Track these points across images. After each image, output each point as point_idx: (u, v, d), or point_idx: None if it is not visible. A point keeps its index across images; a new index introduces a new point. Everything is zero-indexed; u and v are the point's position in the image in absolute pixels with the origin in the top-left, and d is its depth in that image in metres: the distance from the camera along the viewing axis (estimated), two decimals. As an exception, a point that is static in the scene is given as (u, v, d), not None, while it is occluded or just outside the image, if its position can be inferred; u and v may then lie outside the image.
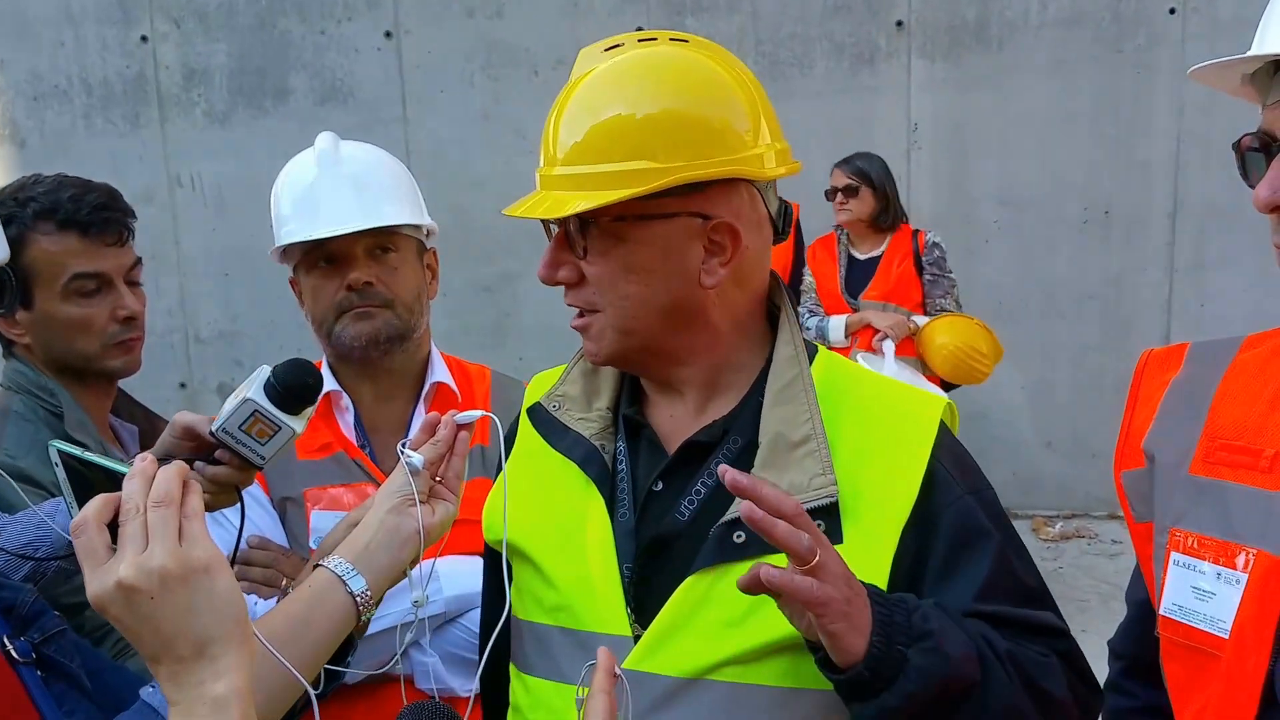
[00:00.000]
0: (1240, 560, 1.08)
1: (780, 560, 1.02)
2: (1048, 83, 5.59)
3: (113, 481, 0.99)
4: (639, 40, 1.15)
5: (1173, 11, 5.47)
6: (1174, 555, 1.16)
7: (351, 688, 1.59)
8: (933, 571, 1.11)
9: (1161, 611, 1.16)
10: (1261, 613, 1.04)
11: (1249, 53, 1.04)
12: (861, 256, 4.64)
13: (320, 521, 1.70)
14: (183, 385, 6.09)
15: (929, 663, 1.01)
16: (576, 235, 1.13)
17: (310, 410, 1.26)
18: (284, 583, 1.59)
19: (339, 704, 1.51)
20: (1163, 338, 5.76)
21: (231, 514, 1.31)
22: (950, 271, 4.53)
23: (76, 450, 1.18)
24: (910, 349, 4.34)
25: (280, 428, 1.21)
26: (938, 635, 1.02)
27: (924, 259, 4.48)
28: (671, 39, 1.16)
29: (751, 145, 1.13)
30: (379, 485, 1.61)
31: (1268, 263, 1.09)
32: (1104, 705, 1.35)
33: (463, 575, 1.61)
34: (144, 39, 5.78)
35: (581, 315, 1.18)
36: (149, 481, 0.93)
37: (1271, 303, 5.53)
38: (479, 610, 1.61)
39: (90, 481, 1.21)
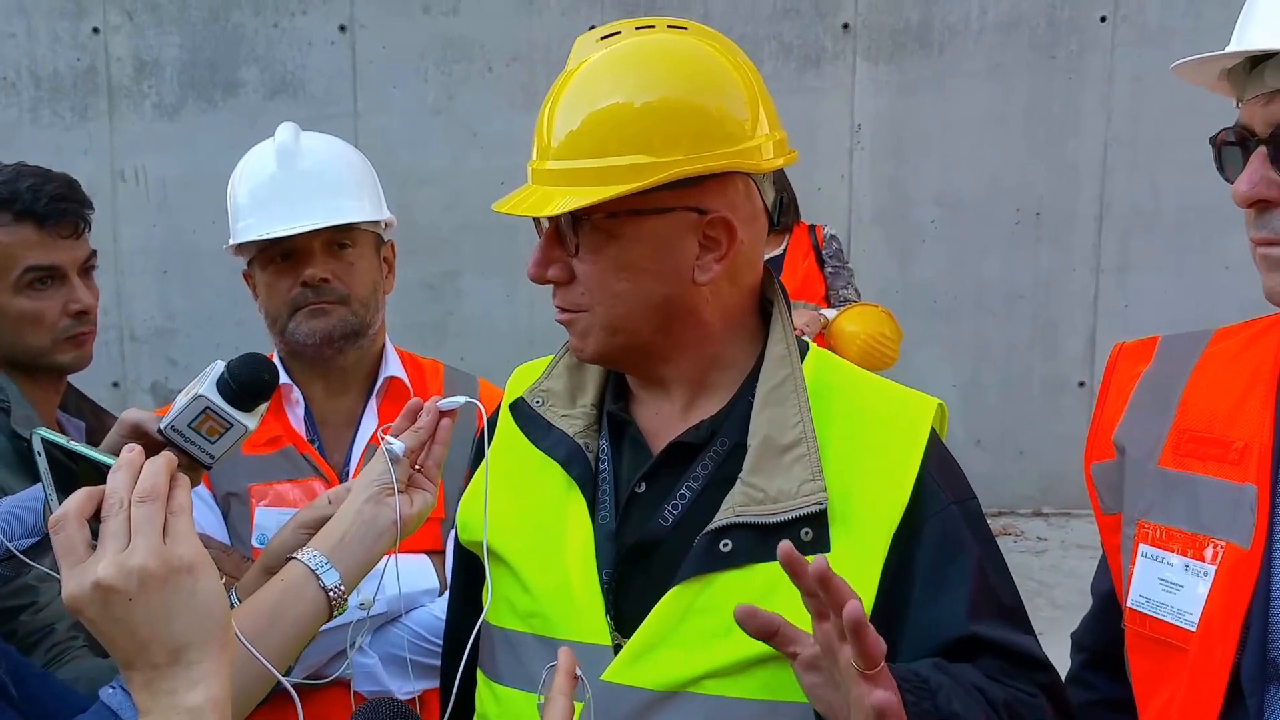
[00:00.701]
0: (1209, 553, 1.07)
1: (768, 569, 1.01)
2: (985, 86, 5.74)
3: (98, 474, 0.95)
4: (636, 28, 1.11)
5: (1103, 19, 5.65)
6: (1142, 547, 1.15)
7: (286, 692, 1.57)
8: (918, 585, 1.07)
9: (1128, 604, 1.15)
10: (1229, 606, 1.03)
11: (1227, 49, 1.03)
12: (766, 255, 4.68)
13: (265, 518, 1.66)
14: (115, 384, 5.97)
15: None
16: (569, 232, 1.08)
17: (264, 407, 1.21)
18: (224, 581, 1.55)
19: (273, 709, 1.49)
20: (1089, 338, 5.97)
21: None
22: (848, 262, 4.60)
23: (62, 439, 1.12)
24: (823, 342, 4.37)
25: (232, 425, 1.16)
26: (964, 717, 0.98)
27: (824, 253, 4.52)
28: (670, 25, 1.12)
29: (750, 135, 1.09)
30: (326, 480, 1.68)
31: (1185, 265, 1.08)
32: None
33: (406, 574, 1.55)
34: (95, 30, 5.70)
35: (564, 312, 1.14)
36: (135, 474, 0.89)
37: (1189, 303, 5.75)
38: (420, 610, 1.62)
39: (74, 473, 1.13)
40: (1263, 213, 1.04)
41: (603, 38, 1.10)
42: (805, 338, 4.27)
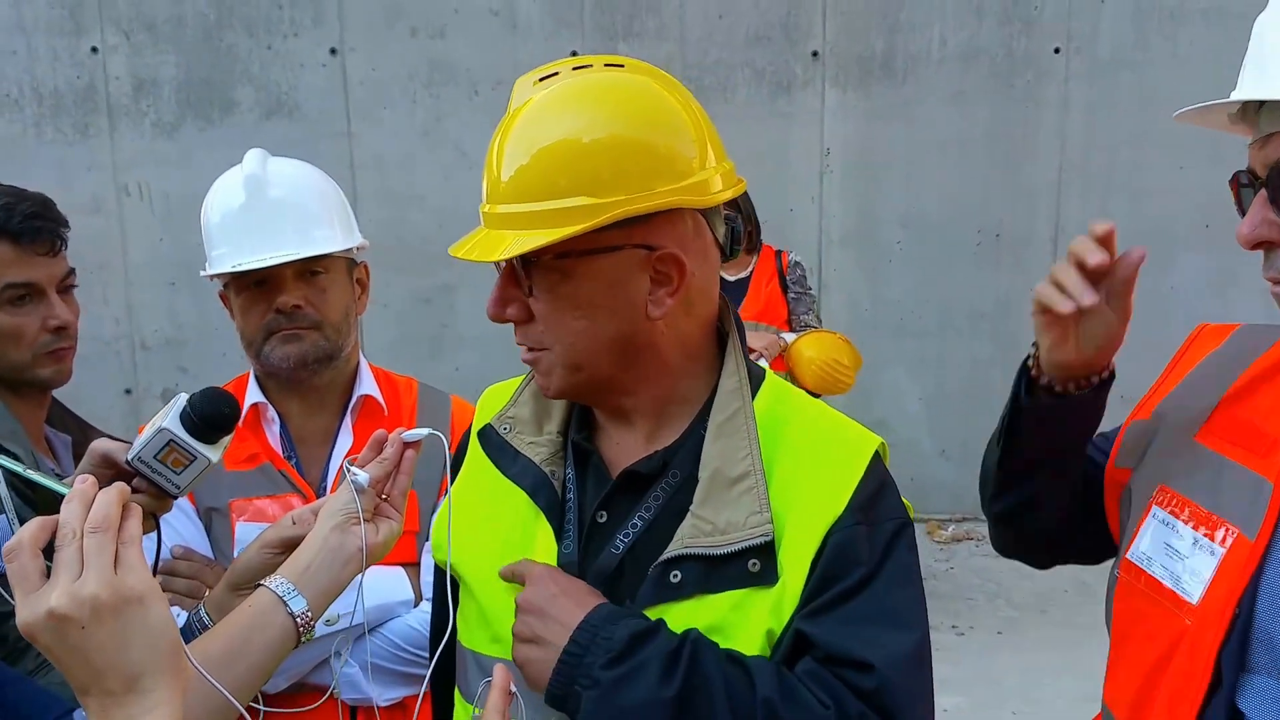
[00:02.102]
0: (1220, 534, 1.09)
1: (719, 601, 1.06)
2: (947, 113, 5.88)
3: (56, 502, 0.95)
4: (573, 68, 1.10)
5: (1057, 51, 5.80)
6: (1155, 509, 1.17)
7: (276, 698, 1.60)
8: (802, 598, 1.07)
9: (1128, 556, 1.18)
10: (1227, 590, 1.05)
11: (1231, 96, 1.05)
12: (731, 278, 4.68)
13: (245, 533, 1.67)
14: (128, 391, 6.10)
15: (597, 709, 1.02)
16: (521, 273, 1.09)
17: (227, 439, 1.21)
18: (206, 593, 1.56)
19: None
20: (1047, 352, 6.24)
21: (148, 540, 1.24)
22: (810, 289, 4.68)
23: (18, 467, 1.14)
24: (781, 365, 4.47)
25: (196, 457, 1.17)
26: (608, 685, 1.02)
27: (788, 278, 4.59)
28: (606, 64, 1.11)
29: (697, 170, 1.08)
30: (304, 496, 1.70)
31: (1138, 286, 1.13)
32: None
33: (382, 587, 1.60)
34: (94, 50, 5.79)
35: (530, 350, 1.14)
36: (88, 505, 0.90)
37: (1138, 321, 5.79)
38: (396, 620, 1.64)
39: (34, 501, 1.20)
40: (1269, 253, 1.04)
41: (541, 79, 1.09)
42: (763, 361, 4.42)
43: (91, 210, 5.77)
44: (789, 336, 4.52)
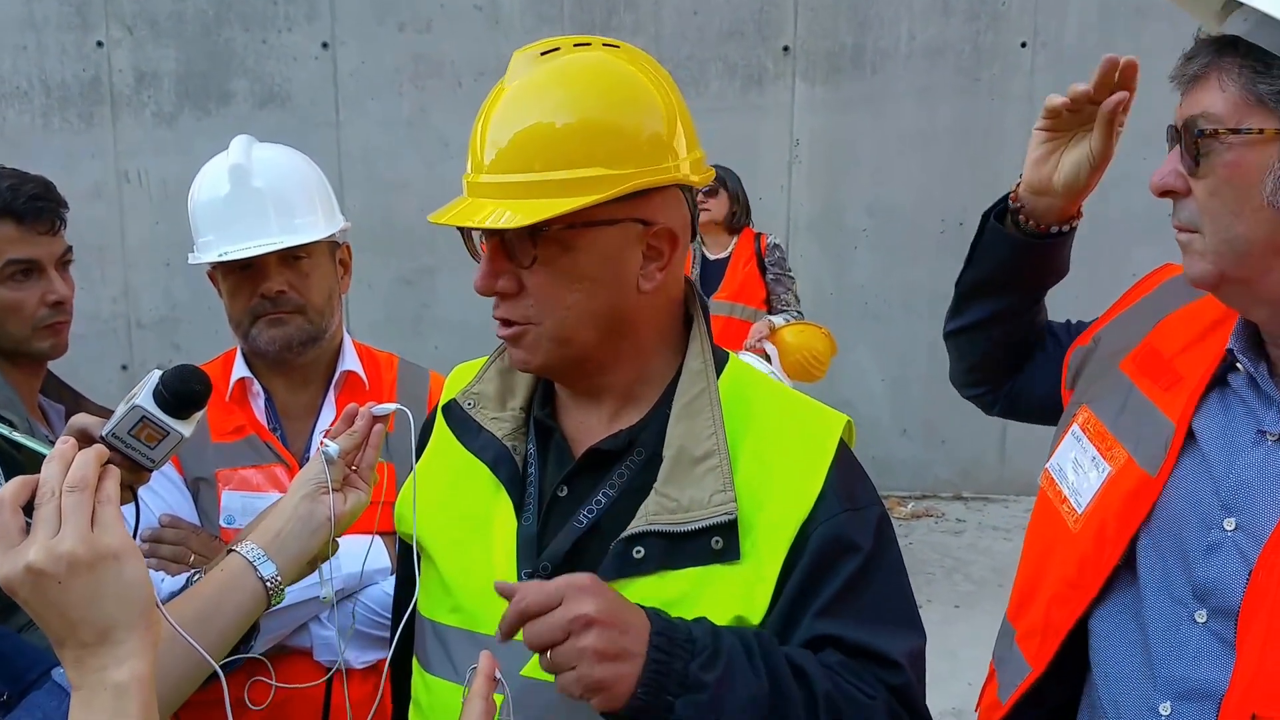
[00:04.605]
0: (1114, 454, 1.15)
1: (680, 578, 1.06)
2: (914, 106, 6.05)
3: (39, 463, 0.97)
4: (574, 45, 1.11)
5: (1024, 45, 5.98)
6: (1074, 427, 1.23)
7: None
8: (795, 587, 1.07)
9: (1048, 466, 1.24)
10: (1123, 516, 1.11)
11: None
12: (713, 257, 4.89)
13: (231, 501, 1.72)
14: (124, 367, 6.38)
15: (703, 713, 0.98)
16: (526, 243, 1.08)
17: (199, 415, 1.22)
18: (192, 559, 1.63)
19: (247, 673, 1.54)
20: (1007, 335, 6.40)
21: (126, 510, 1.25)
22: (790, 270, 4.87)
23: (4, 430, 1.17)
24: (772, 339, 4.70)
25: (169, 432, 1.18)
26: (713, 687, 0.98)
27: (766, 260, 4.78)
28: (604, 44, 1.13)
29: (684, 152, 1.12)
30: (288, 466, 1.76)
31: (1097, 273, 1.28)
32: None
33: (357, 555, 1.59)
34: (99, 44, 6.08)
35: (510, 325, 1.13)
36: (67, 465, 0.92)
37: (1100, 308, 6.09)
38: (374, 586, 1.68)
39: (18, 461, 1.24)
40: (1176, 203, 1.07)
41: (543, 53, 1.11)
42: (763, 353, 4.52)
43: (92, 195, 6.07)
44: (778, 320, 4.71)
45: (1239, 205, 1.00)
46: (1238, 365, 1.10)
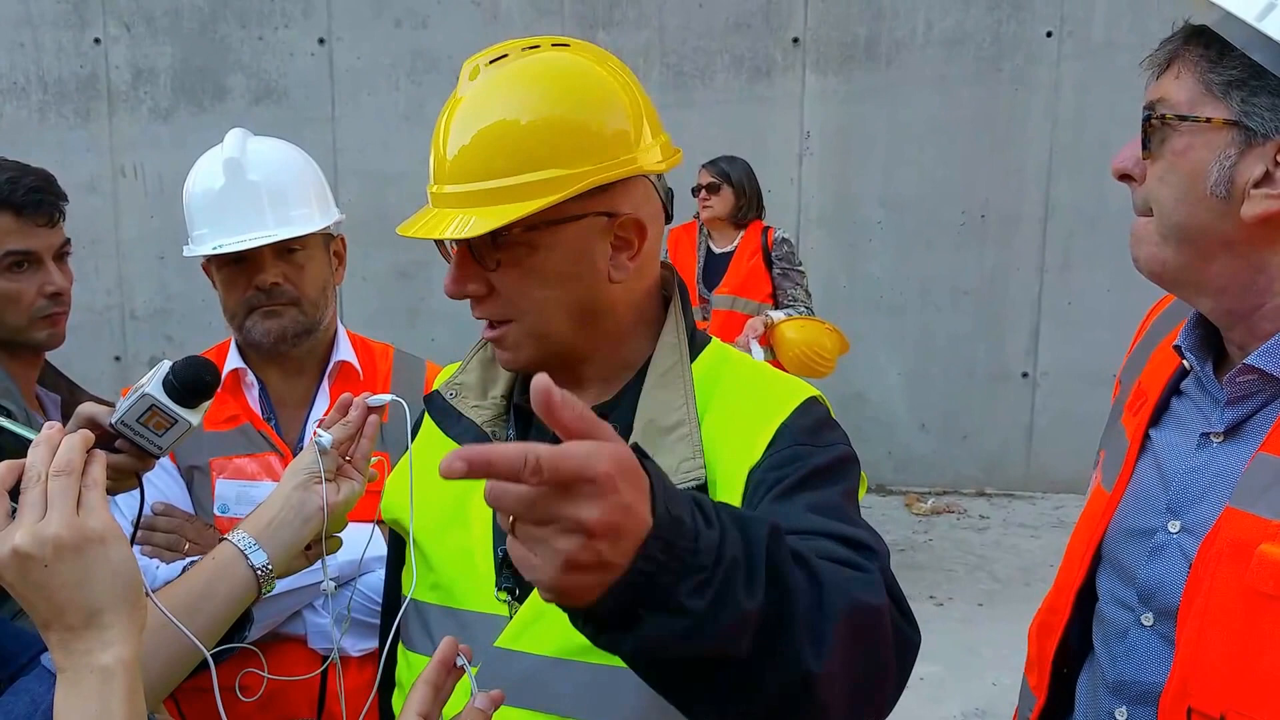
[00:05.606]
0: (1093, 479, 1.21)
1: None
2: (932, 96, 5.92)
3: (25, 448, 0.98)
4: (523, 49, 1.12)
5: (1049, 34, 5.82)
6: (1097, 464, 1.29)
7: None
8: (749, 506, 1.06)
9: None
10: (1088, 536, 1.16)
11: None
12: (718, 250, 4.81)
13: (224, 489, 1.75)
14: (117, 358, 6.41)
15: (666, 636, 0.79)
16: (488, 249, 1.10)
17: (206, 404, 1.26)
18: (186, 547, 1.65)
19: (241, 661, 1.49)
20: (1032, 333, 6.09)
21: (131, 497, 1.31)
22: (800, 264, 4.73)
23: None
24: (765, 342, 4.56)
25: (177, 421, 1.21)
26: (694, 615, 0.78)
27: (773, 254, 4.65)
28: (554, 44, 1.14)
29: (644, 140, 1.13)
30: (282, 455, 1.79)
31: (1125, 265, 1.12)
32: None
33: (357, 543, 1.57)
34: (97, 41, 6.10)
35: (493, 326, 1.16)
36: (53, 450, 0.93)
37: (1128, 301, 5.77)
38: (371, 574, 1.66)
39: (3, 446, 1.23)
40: (1132, 188, 1.09)
41: (492, 61, 1.11)
42: (754, 347, 4.24)
43: (88, 189, 6.07)
44: (777, 315, 4.56)
45: (1184, 192, 1.02)
46: (1190, 368, 1.13)
